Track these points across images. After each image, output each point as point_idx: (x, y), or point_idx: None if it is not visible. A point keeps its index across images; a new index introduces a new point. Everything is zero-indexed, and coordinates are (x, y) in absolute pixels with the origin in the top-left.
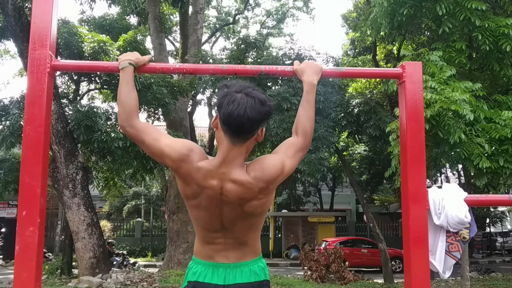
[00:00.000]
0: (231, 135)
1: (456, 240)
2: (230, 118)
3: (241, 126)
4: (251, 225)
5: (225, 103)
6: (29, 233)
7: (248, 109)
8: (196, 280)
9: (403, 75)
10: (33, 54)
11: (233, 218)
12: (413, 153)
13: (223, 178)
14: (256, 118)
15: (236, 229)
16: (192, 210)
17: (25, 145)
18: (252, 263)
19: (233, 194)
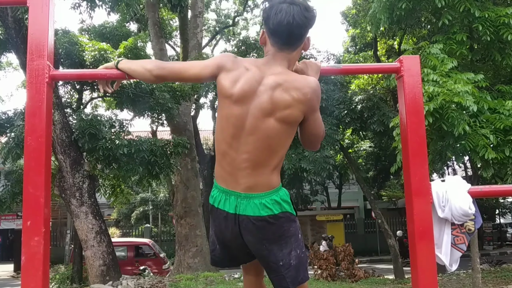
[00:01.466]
0: (281, 45)
1: (461, 232)
2: (281, 27)
3: (291, 33)
4: (269, 137)
5: (272, 14)
6: (34, 243)
7: (296, 16)
8: (212, 204)
9: (401, 69)
10: (31, 65)
11: (257, 115)
12: (414, 147)
13: (266, 71)
14: (304, 23)
15: (254, 137)
16: (223, 107)
17: (27, 156)
18: (265, 196)
19: (271, 80)
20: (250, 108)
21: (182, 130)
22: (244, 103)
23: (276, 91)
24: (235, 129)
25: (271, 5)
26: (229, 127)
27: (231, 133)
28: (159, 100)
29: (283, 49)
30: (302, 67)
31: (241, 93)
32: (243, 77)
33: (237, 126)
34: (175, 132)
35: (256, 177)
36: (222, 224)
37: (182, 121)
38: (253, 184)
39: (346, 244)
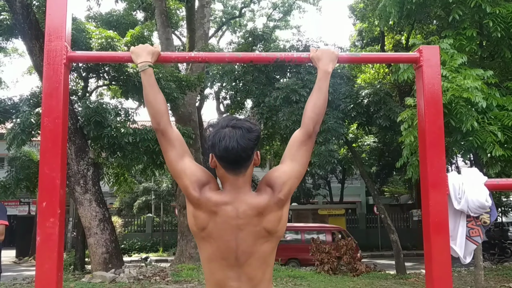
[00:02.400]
0: (231, 169)
1: (477, 224)
2: (226, 153)
3: (238, 157)
4: (265, 257)
5: (217, 141)
6: (49, 224)
7: (240, 140)
8: None
9: (420, 59)
10: (49, 46)
11: (249, 245)
12: (432, 138)
13: (237, 203)
14: (248, 146)
15: (250, 261)
16: (204, 245)
17: (44, 137)
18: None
19: (250, 212)
20: (236, 240)
21: (187, 120)
22: (224, 238)
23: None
24: (228, 260)
25: (215, 132)
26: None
27: (224, 265)
28: (165, 90)
29: (236, 173)
30: (318, 55)
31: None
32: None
33: (228, 258)
34: (180, 122)
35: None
36: None
37: (187, 111)
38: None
39: (348, 239)
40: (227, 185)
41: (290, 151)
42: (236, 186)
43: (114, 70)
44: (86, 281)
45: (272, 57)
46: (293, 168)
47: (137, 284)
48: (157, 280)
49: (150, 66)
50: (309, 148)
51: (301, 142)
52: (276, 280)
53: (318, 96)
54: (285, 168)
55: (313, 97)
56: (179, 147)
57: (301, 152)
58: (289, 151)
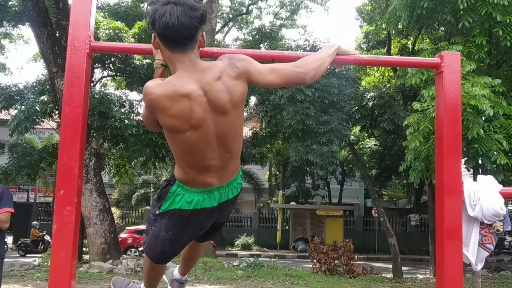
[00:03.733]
0: (175, 47)
1: (490, 232)
2: (166, 31)
3: (180, 35)
4: (238, 127)
5: (157, 17)
6: (66, 213)
7: (181, 17)
8: (193, 209)
9: (441, 65)
10: (73, 34)
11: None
12: (449, 144)
13: (199, 81)
14: (190, 24)
15: (228, 137)
16: (184, 140)
17: (64, 125)
18: (238, 177)
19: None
20: (211, 118)
21: None
22: (203, 124)
23: (223, 86)
24: (209, 144)
25: (155, 9)
26: (201, 147)
27: (206, 150)
28: None
29: (181, 50)
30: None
31: (197, 123)
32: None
33: (209, 142)
34: None
35: (235, 164)
36: (203, 220)
37: None
38: (232, 171)
39: (347, 240)
40: (178, 65)
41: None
42: (186, 62)
43: (120, 61)
44: (83, 271)
45: (294, 55)
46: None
47: (135, 275)
48: None
49: (163, 65)
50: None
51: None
52: (273, 279)
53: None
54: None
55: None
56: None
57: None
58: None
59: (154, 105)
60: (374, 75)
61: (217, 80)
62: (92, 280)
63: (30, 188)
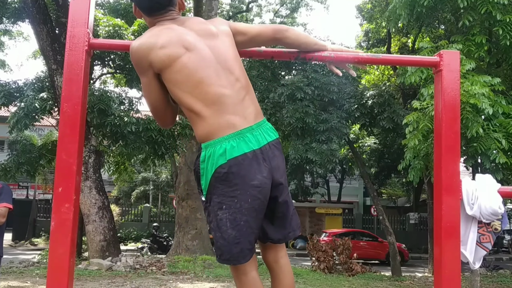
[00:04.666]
0: (155, 13)
1: (487, 231)
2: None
3: (156, 2)
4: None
5: None
6: (64, 210)
7: None
8: (229, 159)
9: (440, 63)
10: (72, 31)
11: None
12: (448, 142)
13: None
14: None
15: (230, 63)
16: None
17: (63, 123)
18: (265, 122)
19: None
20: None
21: None
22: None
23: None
24: (212, 67)
25: None
26: (206, 72)
27: (213, 74)
28: None
29: (161, 15)
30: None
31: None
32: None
33: (211, 65)
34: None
35: (254, 102)
36: (249, 173)
37: None
38: (256, 111)
39: (346, 238)
40: (164, 22)
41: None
42: (167, 22)
43: (120, 59)
44: (82, 268)
45: (293, 54)
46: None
47: (134, 273)
48: (153, 270)
49: None
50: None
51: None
52: None
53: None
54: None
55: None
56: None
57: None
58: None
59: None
60: (374, 74)
61: (198, 22)
62: (91, 277)
63: (30, 185)
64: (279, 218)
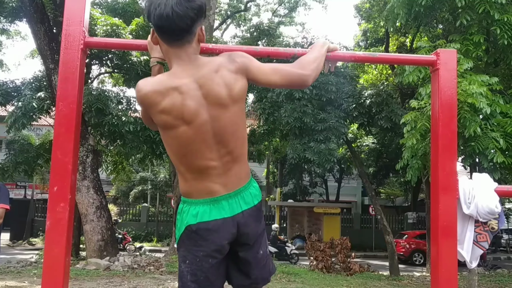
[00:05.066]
0: (172, 40)
1: (484, 230)
2: (161, 21)
3: (174, 26)
4: (236, 126)
5: (152, 9)
6: (60, 209)
7: (175, 7)
8: (199, 222)
9: (437, 62)
10: (67, 30)
11: (222, 120)
12: (445, 141)
13: (194, 75)
14: (186, 14)
15: (226, 135)
16: (179, 136)
17: (58, 122)
18: (248, 186)
19: (206, 73)
20: (207, 112)
21: None
22: (198, 116)
23: (217, 86)
24: (206, 142)
25: (151, 1)
26: (198, 146)
27: (203, 149)
28: None
29: (177, 43)
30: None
31: (190, 117)
32: (180, 102)
33: (206, 139)
34: None
35: (239, 170)
36: (215, 237)
37: None
38: (238, 178)
39: (344, 238)
40: (174, 59)
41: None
42: (183, 57)
43: (117, 58)
44: (80, 268)
45: (290, 52)
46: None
47: (131, 273)
48: (151, 270)
49: (159, 62)
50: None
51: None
52: None
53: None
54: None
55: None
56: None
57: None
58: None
59: (144, 102)
60: (372, 73)
61: (215, 73)
62: (89, 277)
63: (28, 184)
64: (241, 268)
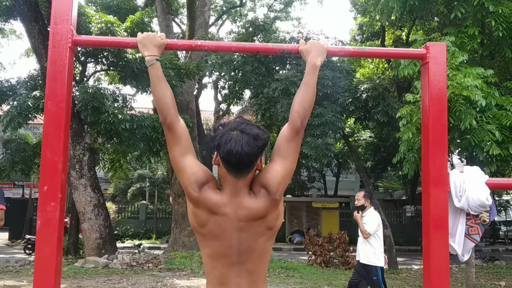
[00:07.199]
0: (232, 171)
1: (476, 223)
2: (230, 156)
3: (240, 161)
4: (265, 252)
5: (223, 142)
6: (50, 208)
7: (245, 146)
8: None
9: (426, 55)
10: (55, 29)
11: (250, 244)
12: (435, 135)
13: (236, 206)
14: (252, 152)
15: (251, 258)
16: (204, 241)
17: (47, 121)
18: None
19: (250, 216)
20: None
21: (184, 108)
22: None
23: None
24: (229, 257)
25: (222, 133)
26: (220, 257)
27: (225, 262)
28: None
29: (237, 175)
30: (307, 48)
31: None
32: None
33: (229, 254)
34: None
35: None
36: None
37: (185, 100)
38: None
39: (342, 232)
40: (227, 186)
41: (279, 148)
42: (235, 188)
43: (113, 56)
44: (79, 266)
45: (279, 48)
46: (284, 167)
47: (130, 270)
48: (150, 267)
49: (157, 60)
50: (298, 144)
51: (290, 139)
52: (269, 271)
53: (306, 91)
54: (277, 167)
55: (300, 92)
56: (184, 143)
57: (291, 149)
58: (279, 149)
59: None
60: (368, 67)
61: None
62: (87, 275)
63: (25, 184)
64: None
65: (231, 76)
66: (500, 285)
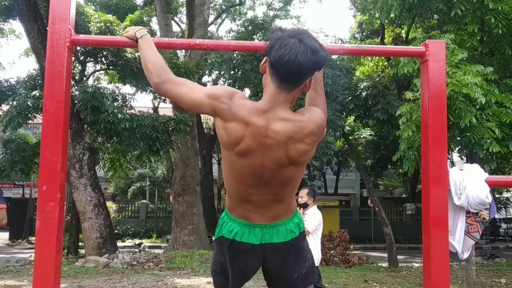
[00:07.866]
0: (278, 80)
1: (476, 220)
2: (280, 62)
3: (290, 71)
4: (290, 180)
5: (276, 46)
6: (49, 208)
7: (300, 56)
8: (232, 239)
9: (426, 53)
10: (53, 28)
11: (274, 167)
12: (435, 133)
13: (270, 118)
14: (306, 65)
15: (274, 183)
16: (230, 160)
17: (46, 120)
18: (288, 221)
19: (281, 132)
20: (263, 161)
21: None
22: (252, 157)
23: (289, 146)
24: (253, 179)
25: (280, 36)
26: (244, 178)
27: (249, 183)
28: None
29: (281, 86)
30: None
31: (246, 150)
32: (245, 134)
33: (253, 177)
34: (177, 109)
35: (281, 208)
36: (244, 256)
37: None
38: (278, 214)
39: (342, 230)
40: (266, 95)
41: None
42: (275, 99)
43: (112, 55)
44: (79, 265)
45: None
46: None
47: (131, 269)
48: (151, 266)
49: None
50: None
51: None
52: None
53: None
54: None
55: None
56: (188, 84)
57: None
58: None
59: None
60: (368, 65)
61: (285, 140)
62: (88, 274)
63: (26, 183)
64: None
65: (231, 75)
66: (501, 282)
